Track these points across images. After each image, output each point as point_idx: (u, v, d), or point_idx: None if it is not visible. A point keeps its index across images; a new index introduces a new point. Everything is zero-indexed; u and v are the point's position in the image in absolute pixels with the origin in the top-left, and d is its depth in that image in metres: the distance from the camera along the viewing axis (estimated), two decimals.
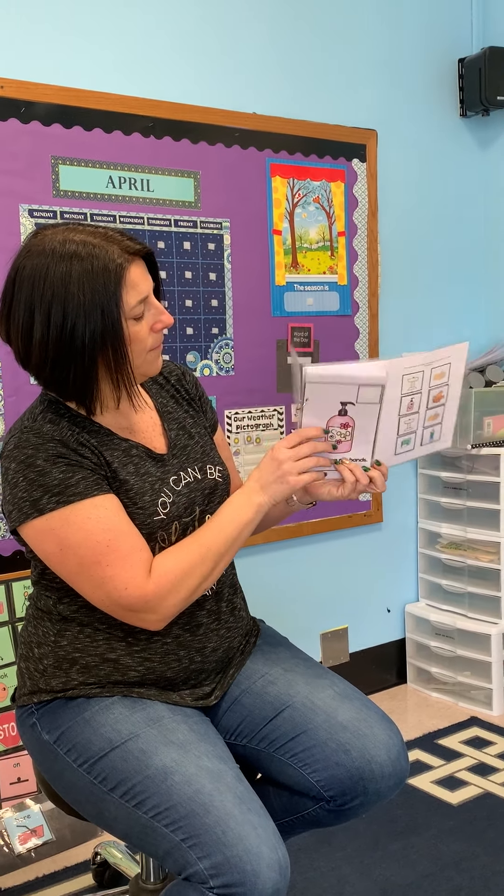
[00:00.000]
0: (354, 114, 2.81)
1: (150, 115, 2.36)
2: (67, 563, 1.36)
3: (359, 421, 1.45)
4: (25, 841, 2.12)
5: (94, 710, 1.41)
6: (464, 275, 3.16)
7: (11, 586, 2.19)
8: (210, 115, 2.47)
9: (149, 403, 1.56)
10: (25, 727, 1.49)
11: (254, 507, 1.44)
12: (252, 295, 2.59)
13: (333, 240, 2.75)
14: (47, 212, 2.21)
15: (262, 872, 1.24)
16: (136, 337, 1.39)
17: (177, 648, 1.46)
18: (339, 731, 1.45)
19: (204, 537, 1.42)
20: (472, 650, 2.88)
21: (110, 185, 2.31)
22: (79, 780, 1.39)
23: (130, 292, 1.36)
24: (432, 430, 1.55)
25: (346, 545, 2.92)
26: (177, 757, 1.34)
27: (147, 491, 1.43)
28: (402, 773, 1.47)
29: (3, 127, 2.13)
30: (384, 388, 1.42)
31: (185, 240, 2.45)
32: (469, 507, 2.91)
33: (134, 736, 1.37)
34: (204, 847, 1.26)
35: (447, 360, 1.50)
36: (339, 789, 1.45)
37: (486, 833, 2.15)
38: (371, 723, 1.47)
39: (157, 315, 1.42)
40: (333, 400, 1.44)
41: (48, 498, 1.34)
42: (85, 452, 1.39)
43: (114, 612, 1.39)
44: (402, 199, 2.96)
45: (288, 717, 1.49)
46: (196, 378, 1.66)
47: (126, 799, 1.34)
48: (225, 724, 1.54)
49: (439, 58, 3.01)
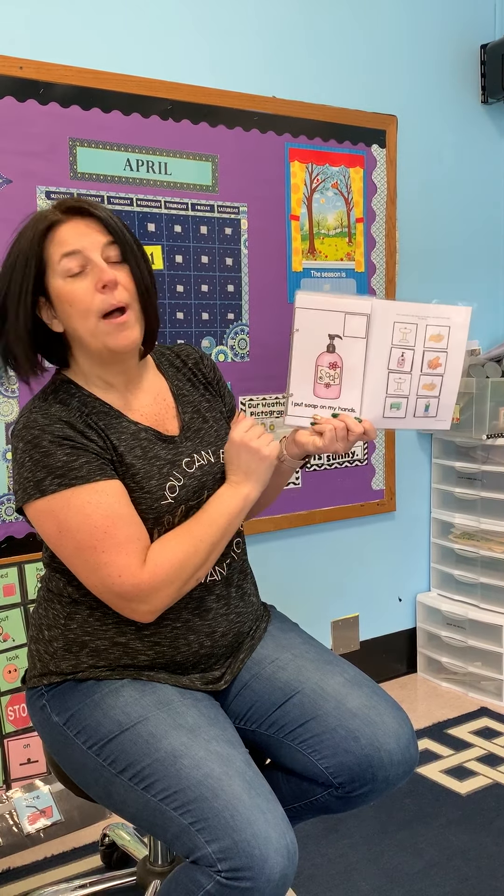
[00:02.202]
0: (374, 99, 2.78)
1: (168, 97, 2.34)
2: (65, 546, 1.37)
3: (347, 360, 1.45)
4: (34, 821, 2.13)
5: (104, 692, 1.42)
6: (482, 263, 3.13)
7: (24, 568, 2.19)
8: (229, 99, 2.45)
9: (164, 385, 1.55)
10: (35, 709, 1.49)
11: (241, 497, 1.46)
12: (268, 281, 2.58)
13: (351, 226, 2.73)
14: (64, 194, 2.20)
15: (270, 857, 1.24)
16: (72, 295, 1.37)
17: (186, 633, 1.46)
18: (348, 718, 1.45)
19: (196, 529, 1.42)
20: (483, 641, 2.87)
21: (128, 167, 2.30)
22: (88, 762, 1.40)
23: (54, 245, 1.37)
24: (427, 402, 1.51)
25: (359, 534, 2.91)
26: (186, 740, 1.34)
27: (154, 475, 1.43)
28: (411, 762, 1.47)
29: (22, 108, 2.12)
30: (370, 318, 1.42)
31: (201, 224, 2.44)
32: (483, 497, 2.89)
33: (143, 719, 1.37)
34: (212, 831, 1.26)
35: (445, 321, 1.47)
36: (348, 776, 1.44)
37: (495, 823, 2.14)
38: (381, 710, 1.47)
39: (97, 273, 1.37)
40: (322, 332, 1.44)
41: (51, 479, 1.34)
42: (91, 435, 1.39)
43: (107, 599, 1.39)
44: (421, 186, 2.93)
45: (298, 702, 1.48)
46: (214, 362, 1.65)
47: (135, 782, 1.34)
48: (234, 709, 1.54)
49: (461, 43, 2.98)
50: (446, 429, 1.57)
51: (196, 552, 1.40)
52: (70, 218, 1.39)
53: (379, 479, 2.91)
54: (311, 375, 1.48)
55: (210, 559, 1.43)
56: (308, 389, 1.49)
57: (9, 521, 2.18)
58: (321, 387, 1.48)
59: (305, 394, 1.50)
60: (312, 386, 1.49)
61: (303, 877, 1.94)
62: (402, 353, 1.46)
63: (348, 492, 2.82)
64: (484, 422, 2.80)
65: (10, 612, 2.17)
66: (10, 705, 2.17)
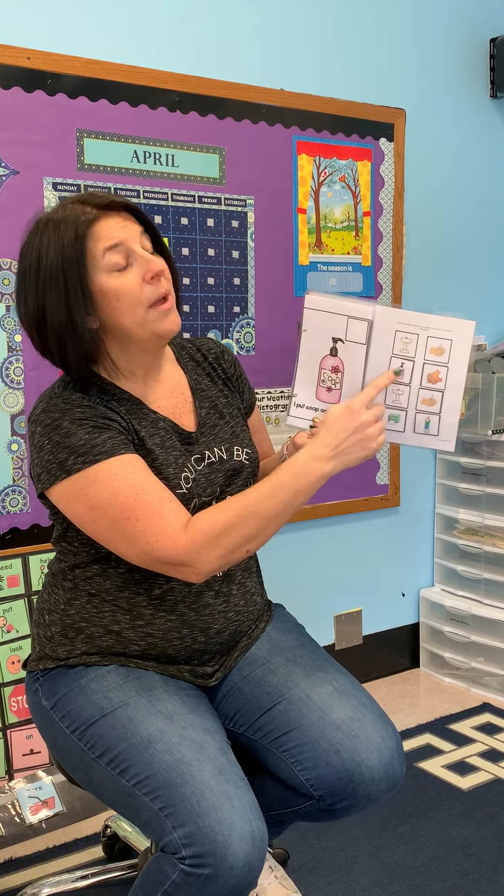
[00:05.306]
0: (383, 92, 2.77)
1: (176, 89, 2.34)
2: (99, 523, 1.35)
3: (348, 365, 1.44)
4: (37, 812, 2.14)
5: (90, 677, 1.43)
6: (490, 258, 3.12)
7: (28, 560, 2.20)
8: (237, 91, 2.44)
9: (182, 379, 1.54)
10: (30, 693, 1.51)
11: (316, 475, 1.35)
12: (275, 274, 2.58)
13: (358, 220, 2.73)
14: (71, 185, 2.20)
15: (233, 843, 1.22)
16: (122, 289, 1.35)
17: (180, 626, 1.45)
18: (331, 731, 1.41)
19: (248, 497, 1.34)
20: (486, 636, 2.87)
21: (135, 159, 2.29)
22: (71, 746, 1.41)
23: (96, 242, 1.34)
24: (427, 419, 1.46)
25: (363, 528, 2.91)
26: (162, 726, 1.33)
27: (171, 464, 1.42)
28: (393, 778, 1.43)
29: (29, 99, 2.12)
30: (371, 324, 1.41)
31: (208, 216, 2.43)
32: (488, 493, 2.89)
33: (124, 704, 1.37)
34: (178, 816, 1.25)
35: (448, 334, 1.42)
36: (329, 790, 1.41)
37: (496, 818, 2.14)
38: (365, 724, 1.43)
39: (145, 265, 1.37)
40: (326, 335, 1.43)
41: (74, 458, 1.33)
42: (114, 416, 1.38)
43: (153, 567, 1.36)
44: (428, 180, 2.92)
45: (283, 710, 1.46)
46: (235, 358, 1.64)
47: (111, 766, 1.34)
48: (223, 710, 1.53)
49: (471, 37, 2.97)
50: (450, 450, 1.48)
51: (243, 521, 1.32)
52: (104, 213, 1.37)
53: (383, 473, 2.91)
54: (314, 377, 1.47)
55: (264, 532, 1.34)
56: (311, 391, 1.48)
57: (13, 513, 2.18)
58: (323, 390, 1.47)
59: (308, 396, 1.48)
60: (315, 388, 1.48)
61: (304, 870, 1.94)
62: (401, 363, 1.43)
63: (352, 486, 2.82)
64: (489, 417, 2.80)
65: (14, 604, 2.18)
66: (12, 696, 2.18)
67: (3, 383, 2.15)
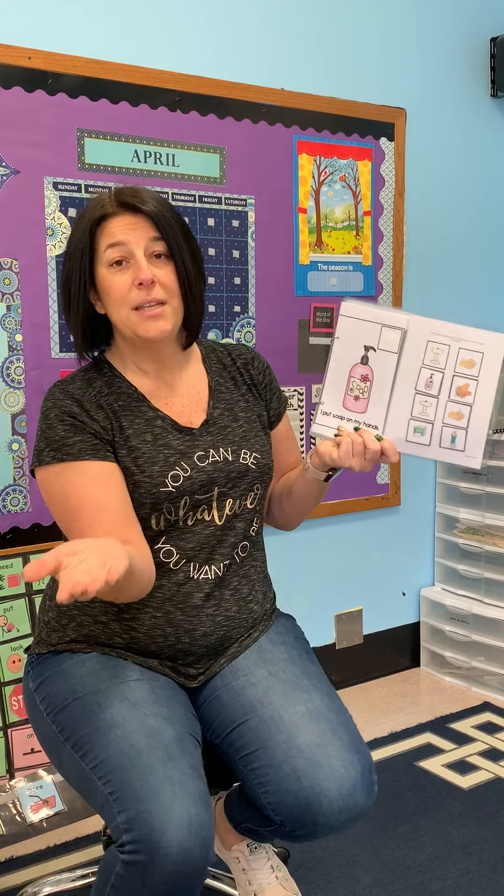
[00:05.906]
0: (383, 92, 2.77)
1: (177, 88, 2.34)
2: (55, 514, 1.44)
3: (377, 374, 1.44)
4: (37, 811, 2.14)
5: (72, 662, 1.46)
6: (491, 258, 3.13)
7: (29, 559, 2.20)
8: (237, 91, 2.44)
9: (203, 379, 1.56)
10: (25, 676, 1.55)
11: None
12: (275, 273, 2.58)
13: (359, 219, 2.73)
14: (72, 185, 2.20)
15: (168, 830, 1.20)
16: (112, 286, 1.42)
17: (165, 624, 1.46)
18: (295, 756, 1.36)
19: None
20: (486, 635, 2.87)
21: (135, 159, 2.29)
22: (46, 728, 1.43)
23: (103, 236, 1.42)
24: (454, 433, 1.43)
25: (363, 527, 2.91)
26: (126, 713, 1.35)
27: (159, 462, 1.44)
28: (355, 810, 1.37)
29: (30, 98, 2.12)
30: (405, 334, 1.41)
31: (209, 216, 2.43)
32: (488, 492, 2.89)
33: (96, 690, 1.39)
34: (123, 801, 1.24)
35: (479, 347, 1.43)
36: (288, 816, 1.37)
37: (496, 818, 2.15)
38: (329, 751, 1.37)
39: (136, 270, 1.41)
40: (359, 343, 1.44)
41: (48, 451, 1.40)
42: (96, 415, 1.42)
43: None
44: (429, 180, 2.92)
45: (253, 727, 1.42)
46: (267, 367, 1.63)
47: (75, 749, 1.36)
48: (204, 716, 1.51)
49: (471, 37, 2.97)
50: (476, 467, 1.43)
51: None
52: (122, 212, 1.43)
53: (384, 473, 2.91)
54: (343, 386, 1.46)
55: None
56: (338, 400, 1.47)
57: (14, 512, 2.18)
58: (350, 399, 1.46)
59: (335, 404, 1.47)
60: (343, 397, 1.47)
61: (303, 869, 1.95)
62: (431, 374, 1.42)
63: (353, 486, 2.82)
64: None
65: (15, 603, 2.18)
66: (13, 695, 2.18)
67: (4, 383, 2.15)
